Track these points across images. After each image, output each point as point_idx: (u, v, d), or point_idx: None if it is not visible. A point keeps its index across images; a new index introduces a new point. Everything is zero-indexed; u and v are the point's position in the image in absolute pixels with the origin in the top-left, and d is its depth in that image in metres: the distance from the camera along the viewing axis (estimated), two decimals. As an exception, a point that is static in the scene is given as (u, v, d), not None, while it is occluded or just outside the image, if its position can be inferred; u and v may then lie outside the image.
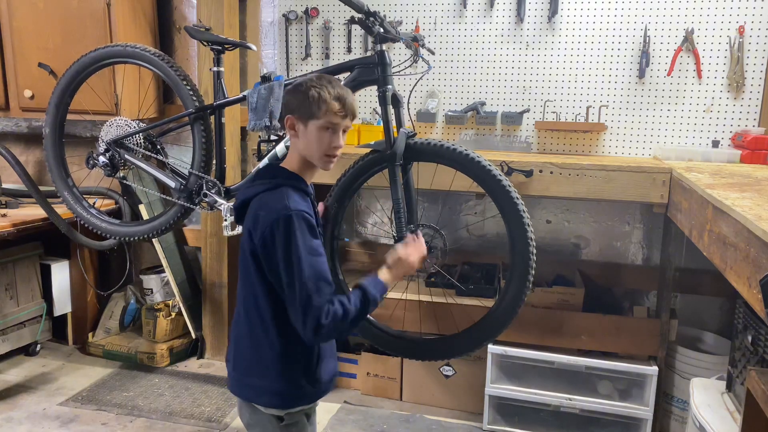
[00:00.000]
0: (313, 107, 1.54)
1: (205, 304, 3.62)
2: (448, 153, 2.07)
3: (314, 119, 1.55)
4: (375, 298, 1.58)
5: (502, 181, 2.04)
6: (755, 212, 1.55)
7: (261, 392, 1.63)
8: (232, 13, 3.34)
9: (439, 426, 3.02)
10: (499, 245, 3.47)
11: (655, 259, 3.28)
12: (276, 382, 1.60)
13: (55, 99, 2.78)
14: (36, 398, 3.17)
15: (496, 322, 2.11)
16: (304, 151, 1.60)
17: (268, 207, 1.53)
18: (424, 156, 2.11)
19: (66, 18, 3.31)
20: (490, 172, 2.04)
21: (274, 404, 1.62)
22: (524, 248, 2.03)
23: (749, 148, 2.78)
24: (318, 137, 1.56)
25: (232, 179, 3.36)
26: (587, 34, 3.08)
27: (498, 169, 2.06)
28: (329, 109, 1.54)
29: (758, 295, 1.33)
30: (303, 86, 1.56)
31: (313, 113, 1.54)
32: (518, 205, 2.04)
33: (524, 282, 2.03)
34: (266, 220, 1.50)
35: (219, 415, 3.04)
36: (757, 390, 1.54)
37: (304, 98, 1.55)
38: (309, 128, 1.56)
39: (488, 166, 2.05)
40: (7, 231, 3.04)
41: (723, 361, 2.68)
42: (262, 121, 2.41)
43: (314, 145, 1.57)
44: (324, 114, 1.54)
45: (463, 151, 2.07)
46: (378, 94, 2.13)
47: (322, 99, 1.53)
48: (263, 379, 1.61)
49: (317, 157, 1.59)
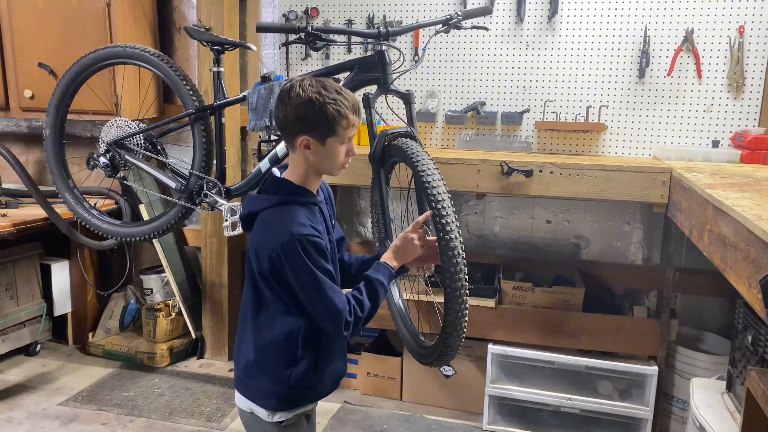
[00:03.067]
0: (335, 126, 1.49)
1: (205, 304, 3.62)
2: (400, 153, 1.92)
3: (334, 136, 1.51)
4: (382, 282, 1.59)
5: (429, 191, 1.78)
6: (755, 212, 1.56)
7: (262, 394, 1.63)
8: (232, 13, 3.34)
9: (439, 426, 3.02)
10: (499, 245, 3.47)
11: (655, 259, 3.28)
12: (277, 384, 1.60)
13: (55, 100, 2.78)
14: (36, 398, 3.18)
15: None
16: (319, 165, 1.56)
17: (272, 231, 1.51)
18: (398, 157, 1.99)
19: (66, 18, 3.31)
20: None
21: (274, 407, 1.62)
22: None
23: (749, 148, 2.78)
24: (338, 151, 1.54)
25: (233, 179, 3.36)
26: (587, 34, 3.08)
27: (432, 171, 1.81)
28: (350, 124, 1.51)
29: (758, 295, 1.33)
30: (315, 103, 1.47)
31: (334, 131, 1.50)
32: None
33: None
34: (271, 245, 1.49)
35: (219, 415, 3.05)
36: (757, 390, 1.54)
37: (321, 117, 1.47)
38: (328, 145, 1.52)
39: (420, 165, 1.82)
40: (7, 231, 3.04)
41: (723, 361, 2.68)
42: (262, 121, 2.41)
43: (333, 159, 1.54)
44: (344, 130, 1.51)
45: (407, 149, 1.89)
46: (362, 97, 2.05)
47: (342, 116, 1.48)
48: (265, 381, 1.61)
49: (335, 168, 1.58)
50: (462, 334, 1.73)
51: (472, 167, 2.79)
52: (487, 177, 2.78)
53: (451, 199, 1.72)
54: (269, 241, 1.50)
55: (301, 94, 1.48)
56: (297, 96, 1.48)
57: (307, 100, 1.47)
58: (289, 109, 1.49)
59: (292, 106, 1.49)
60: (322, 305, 1.51)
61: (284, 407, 1.63)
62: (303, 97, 1.48)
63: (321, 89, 1.48)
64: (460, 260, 1.66)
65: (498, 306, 2.99)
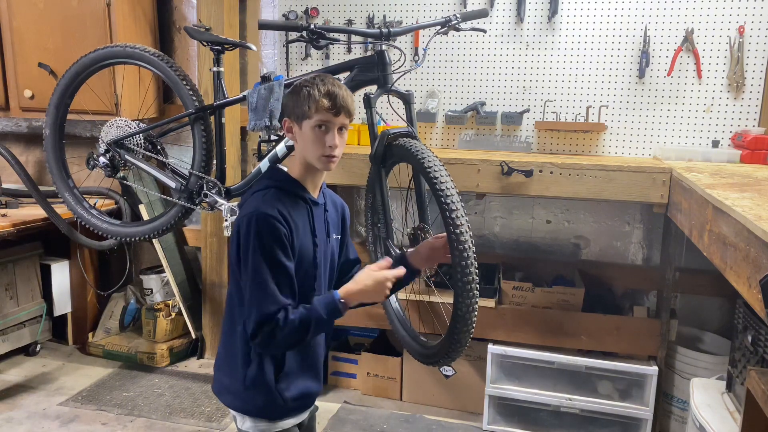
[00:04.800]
0: (304, 106, 1.51)
1: (205, 304, 3.62)
2: (404, 152, 1.92)
3: (307, 119, 1.52)
4: (319, 317, 1.49)
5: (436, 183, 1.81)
6: (755, 212, 1.55)
7: (225, 389, 1.63)
8: (232, 13, 3.34)
9: (439, 426, 3.02)
10: (499, 245, 3.47)
11: (655, 259, 3.28)
12: (235, 381, 1.58)
13: (55, 100, 2.78)
14: (36, 398, 3.18)
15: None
16: (303, 152, 1.57)
17: (243, 207, 1.54)
18: (401, 157, 1.99)
19: (66, 18, 3.31)
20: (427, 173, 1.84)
21: (241, 409, 1.60)
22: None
23: (749, 148, 2.78)
24: (312, 137, 1.52)
25: (233, 179, 3.36)
26: (587, 34, 3.08)
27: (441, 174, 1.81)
28: (319, 106, 1.50)
29: (758, 295, 1.33)
30: (297, 87, 1.54)
31: (305, 113, 1.52)
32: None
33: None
34: (237, 219, 1.52)
35: (219, 415, 3.04)
36: (757, 390, 1.54)
37: (297, 98, 1.52)
38: (303, 128, 1.53)
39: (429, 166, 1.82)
40: (7, 231, 3.05)
41: (723, 361, 2.68)
42: (262, 121, 2.40)
43: (310, 145, 1.53)
44: (315, 112, 1.51)
45: (411, 148, 1.89)
46: (362, 97, 2.09)
47: (311, 97, 1.50)
48: (227, 377, 1.61)
49: (315, 158, 1.55)
50: (471, 329, 1.72)
51: (472, 167, 2.79)
52: (487, 177, 2.78)
53: (459, 194, 1.73)
54: (239, 215, 1.52)
55: (296, 83, 1.56)
56: (293, 85, 1.57)
57: (295, 85, 1.56)
58: (285, 98, 1.59)
59: (287, 95, 1.59)
60: (251, 295, 1.46)
61: (249, 412, 1.59)
62: (295, 84, 1.56)
63: (310, 77, 1.56)
64: (471, 254, 1.65)
65: (498, 306, 2.99)
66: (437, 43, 3.24)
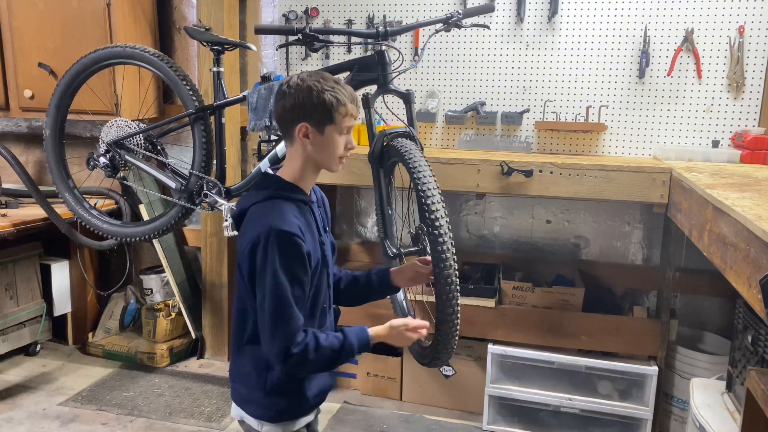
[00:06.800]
0: (332, 112, 1.47)
1: (205, 304, 3.62)
2: (395, 152, 1.95)
3: (332, 124, 1.49)
4: (352, 348, 1.51)
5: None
6: (755, 212, 1.55)
7: (244, 399, 1.61)
8: (232, 13, 3.34)
9: (439, 426, 3.02)
10: (499, 245, 3.47)
11: (655, 259, 3.29)
12: (255, 390, 1.57)
13: (55, 100, 2.78)
14: (36, 398, 3.18)
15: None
16: (317, 156, 1.53)
17: (253, 223, 1.49)
18: (396, 158, 2.01)
19: (66, 18, 3.31)
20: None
21: (260, 416, 1.59)
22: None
23: (749, 148, 2.78)
24: (336, 142, 1.51)
25: (233, 179, 3.36)
26: (587, 34, 3.08)
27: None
28: (347, 112, 1.49)
29: (758, 295, 1.33)
30: (314, 91, 1.47)
31: (332, 119, 1.48)
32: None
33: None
34: (249, 236, 1.47)
35: (219, 415, 3.04)
36: (757, 390, 1.54)
37: (319, 103, 1.47)
38: (326, 134, 1.50)
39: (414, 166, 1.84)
40: (7, 231, 3.04)
41: (723, 361, 2.68)
42: (262, 121, 2.41)
43: (331, 150, 1.52)
44: (342, 118, 1.49)
45: (403, 151, 1.91)
46: (361, 97, 2.07)
47: (340, 103, 1.47)
48: (245, 387, 1.59)
49: (333, 161, 1.54)
50: (454, 343, 1.75)
51: (472, 167, 2.79)
52: (487, 177, 2.78)
53: (443, 203, 1.73)
54: (249, 233, 1.47)
55: (299, 83, 1.49)
56: (296, 85, 1.49)
57: (306, 87, 1.48)
58: (288, 98, 1.49)
59: (290, 95, 1.49)
60: (272, 318, 1.43)
61: (269, 418, 1.59)
62: (302, 85, 1.48)
63: (320, 78, 1.49)
64: (454, 279, 1.67)
65: (498, 306, 2.99)
66: (437, 43, 3.24)
